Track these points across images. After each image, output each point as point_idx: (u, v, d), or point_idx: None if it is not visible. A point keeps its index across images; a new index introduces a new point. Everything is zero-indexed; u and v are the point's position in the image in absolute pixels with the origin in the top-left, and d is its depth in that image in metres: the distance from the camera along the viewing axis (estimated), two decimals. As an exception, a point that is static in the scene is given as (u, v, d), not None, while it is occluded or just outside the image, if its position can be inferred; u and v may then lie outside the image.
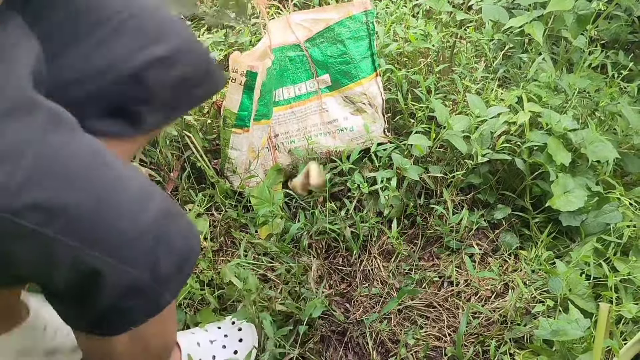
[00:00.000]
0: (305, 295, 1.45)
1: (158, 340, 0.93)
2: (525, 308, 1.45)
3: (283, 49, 1.68)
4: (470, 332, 1.43)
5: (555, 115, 1.67)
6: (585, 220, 1.60)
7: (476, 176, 1.68)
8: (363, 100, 1.75)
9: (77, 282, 0.70)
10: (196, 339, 1.31)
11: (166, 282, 0.75)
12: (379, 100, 1.76)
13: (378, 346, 1.42)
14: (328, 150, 1.77)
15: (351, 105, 1.76)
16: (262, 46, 1.65)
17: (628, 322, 1.35)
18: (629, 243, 1.54)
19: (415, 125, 1.77)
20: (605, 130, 1.85)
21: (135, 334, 0.80)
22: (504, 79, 2.04)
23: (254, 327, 1.36)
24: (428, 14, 2.30)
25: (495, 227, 1.69)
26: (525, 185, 1.68)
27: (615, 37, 2.27)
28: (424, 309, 1.49)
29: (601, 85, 1.96)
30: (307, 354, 1.37)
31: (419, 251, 1.64)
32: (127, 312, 0.76)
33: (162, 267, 0.73)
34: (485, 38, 2.07)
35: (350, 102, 1.76)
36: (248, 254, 1.54)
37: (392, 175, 1.63)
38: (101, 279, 0.69)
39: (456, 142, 1.62)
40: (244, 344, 1.33)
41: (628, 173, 1.80)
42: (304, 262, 1.53)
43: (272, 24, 1.68)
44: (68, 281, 0.70)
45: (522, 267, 1.55)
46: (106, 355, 0.87)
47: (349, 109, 1.77)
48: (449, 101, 1.84)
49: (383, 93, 1.77)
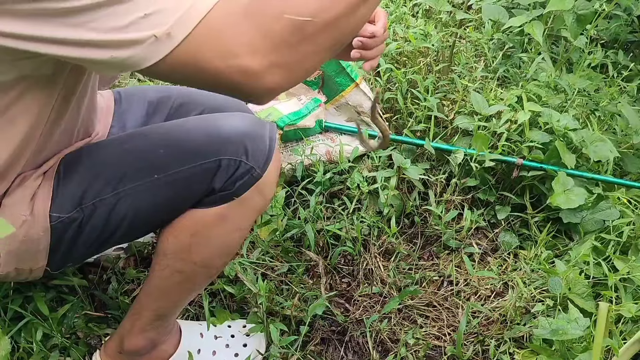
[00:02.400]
0: (307, 295, 1.45)
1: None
2: (525, 307, 1.45)
3: None
4: (470, 332, 1.43)
5: (555, 114, 1.67)
6: (584, 218, 1.60)
7: (473, 179, 1.68)
8: (350, 109, 1.84)
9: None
10: (200, 330, 1.32)
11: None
12: (368, 104, 1.79)
13: (378, 345, 1.42)
14: (328, 151, 1.77)
15: (344, 114, 1.86)
16: None
17: (627, 322, 1.35)
18: (628, 242, 1.54)
19: (415, 124, 1.78)
20: (605, 129, 1.85)
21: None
22: (504, 78, 2.04)
23: (262, 338, 1.35)
24: (428, 13, 2.30)
25: (495, 227, 1.69)
26: (525, 185, 1.68)
27: (615, 36, 2.28)
28: (423, 309, 1.49)
29: (601, 85, 1.96)
30: (308, 356, 1.37)
31: (419, 250, 1.64)
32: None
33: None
34: (484, 37, 2.07)
35: (342, 112, 1.86)
36: (252, 254, 1.54)
37: (392, 174, 1.63)
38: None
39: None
40: (247, 349, 1.33)
41: (627, 172, 1.80)
42: (307, 262, 1.53)
43: None
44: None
45: (522, 267, 1.55)
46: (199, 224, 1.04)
47: (343, 117, 1.86)
48: (448, 100, 1.84)
49: (373, 95, 1.79)
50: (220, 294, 1.46)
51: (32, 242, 0.99)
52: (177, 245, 1.05)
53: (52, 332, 1.27)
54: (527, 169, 1.65)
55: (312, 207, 1.60)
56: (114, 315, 1.38)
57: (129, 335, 1.17)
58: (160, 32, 0.71)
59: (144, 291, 1.14)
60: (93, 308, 1.38)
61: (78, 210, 1.00)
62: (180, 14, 0.72)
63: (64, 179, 1.00)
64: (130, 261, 1.50)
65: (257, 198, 1.04)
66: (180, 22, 0.72)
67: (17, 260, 1.01)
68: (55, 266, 1.06)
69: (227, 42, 0.73)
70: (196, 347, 1.28)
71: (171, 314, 1.19)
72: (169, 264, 1.07)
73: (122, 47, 0.72)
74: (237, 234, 1.08)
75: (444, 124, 1.81)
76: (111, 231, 1.03)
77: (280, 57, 0.74)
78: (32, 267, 1.04)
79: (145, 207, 1.02)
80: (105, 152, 1.03)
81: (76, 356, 1.27)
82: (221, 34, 0.73)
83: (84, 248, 1.05)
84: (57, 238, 1.01)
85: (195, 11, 0.72)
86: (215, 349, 1.30)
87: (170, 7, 0.72)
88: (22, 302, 1.29)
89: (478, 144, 1.64)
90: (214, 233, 1.05)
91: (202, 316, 1.43)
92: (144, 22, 0.71)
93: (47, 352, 1.25)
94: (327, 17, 0.74)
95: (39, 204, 0.98)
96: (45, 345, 1.26)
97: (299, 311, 1.42)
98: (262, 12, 0.73)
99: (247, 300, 1.44)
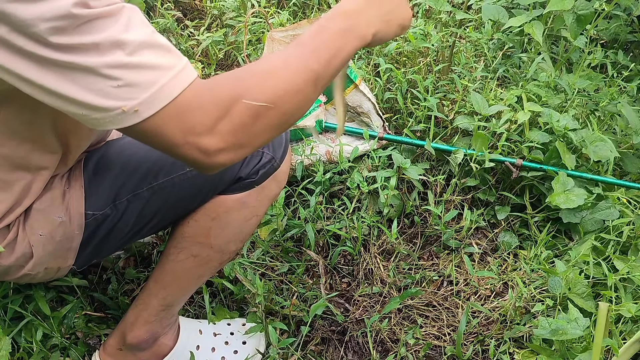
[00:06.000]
0: (307, 295, 1.45)
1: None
2: (525, 307, 1.45)
3: None
4: (469, 331, 1.43)
5: (555, 114, 1.67)
6: (583, 218, 1.60)
7: (472, 179, 1.68)
8: (349, 109, 1.84)
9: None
10: (199, 327, 1.32)
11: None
12: (367, 104, 1.79)
13: (378, 345, 1.42)
14: (328, 151, 1.77)
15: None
16: None
17: (627, 322, 1.35)
18: (628, 242, 1.54)
19: (415, 124, 1.78)
20: (605, 129, 1.85)
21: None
22: (504, 78, 2.04)
23: (262, 337, 1.36)
24: (427, 13, 2.30)
25: (495, 227, 1.69)
26: (525, 185, 1.68)
27: (615, 36, 2.27)
28: (423, 308, 1.49)
29: (601, 85, 1.96)
30: (308, 356, 1.37)
31: (419, 250, 1.64)
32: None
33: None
34: (484, 37, 2.07)
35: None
36: (253, 254, 1.54)
37: (392, 174, 1.63)
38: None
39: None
40: (246, 347, 1.33)
41: (627, 172, 1.80)
42: (307, 262, 1.53)
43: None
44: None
45: (522, 267, 1.55)
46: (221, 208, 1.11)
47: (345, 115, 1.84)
48: (448, 100, 1.84)
49: (372, 96, 1.79)
50: (220, 294, 1.46)
51: (67, 240, 1.04)
52: (197, 229, 1.11)
53: (52, 332, 1.27)
54: (527, 169, 1.65)
55: (312, 207, 1.60)
56: (113, 316, 1.38)
57: (132, 327, 1.19)
58: (128, 106, 0.73)
59: (153, 278, 1.17)
60: (93, 308, 1.38)
61: (111, 207, 1.05)
62: (151, 93, 0.74)
63: (94, 176, 1.04)
64: (130, 261, 1.50)
65: (273, 186, 1.14)
66: (149, 101, 0.74)
67: (50, 259, 1.05)
68: (81, 263, 1.11)
69: (190, 121, 0.76)
70: (195, 344, 1.28)
71: (177, 304, 1.21)
72: (186, 247, 1.12)
73: (92, 109, 0.74)
74: (253, 220, 1.15)
75: (444, 124, 1.81)
76: (142, 225, 1.09)
77: (235, 139, 0.80)
78: (61, 265, 1.08)
79: (177, 199, 1.07)
80: (137, 148, 1.07)
81: (76, 356, 1.27)
82: (187, 114, 0.76)
83: (113, 243, 1.10)
84: (88, 235, 1.05)
85: (167, 90, 0.75)
86: (215, 345, 1.31)
87: (144, 83, 0.73)
88: (22, 302, 1.29)
89: (478, 144, 1.64)
90: (233, 217, 1.12)
91: (201, 316, 1.43)
92: (115, 92, 0.73)
93: (47, 352, 1.25)
94: (282, 103, 0.81)
95: (74, 204, 1.02)
96: (45, 345, 1.26)
97: (299, 311, 1.42)
98: (225, 96, 0.78)
99: (247, 300, 1.44)
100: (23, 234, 1.00)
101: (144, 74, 0.73)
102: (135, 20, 0.74)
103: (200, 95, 0.77)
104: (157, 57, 0.74)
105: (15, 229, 1.00)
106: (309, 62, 0.83)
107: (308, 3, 2.45)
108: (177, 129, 0.76)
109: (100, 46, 0.71)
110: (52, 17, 0.68)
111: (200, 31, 2.28)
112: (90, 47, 0.71)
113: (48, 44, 0.70)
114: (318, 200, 1.63)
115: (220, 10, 2.40)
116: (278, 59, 0.83)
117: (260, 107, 0.79)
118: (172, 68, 0.75)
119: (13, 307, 1.26)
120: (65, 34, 0.69)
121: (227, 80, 0.80)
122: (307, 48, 0.84)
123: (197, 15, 2.56)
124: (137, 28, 0.74)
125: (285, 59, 0.82)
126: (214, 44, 2.21)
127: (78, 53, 0.70)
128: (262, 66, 0.82)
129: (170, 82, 0.75)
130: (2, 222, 0.97)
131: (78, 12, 0.69)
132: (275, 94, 0.80)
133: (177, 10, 2.49)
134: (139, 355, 1.21)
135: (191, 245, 1.12)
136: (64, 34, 0.69)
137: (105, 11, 0.71)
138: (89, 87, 0.72)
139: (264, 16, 2.10)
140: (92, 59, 0.71)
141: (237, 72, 0.81)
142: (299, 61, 0.83)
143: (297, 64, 0.83)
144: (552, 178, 1.61)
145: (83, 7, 0.69)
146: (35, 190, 0.98)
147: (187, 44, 2.25)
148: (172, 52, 0.77)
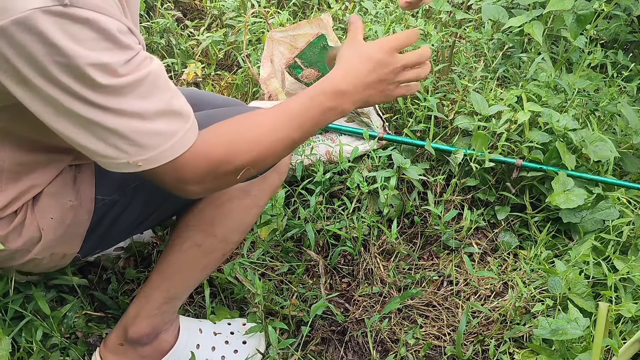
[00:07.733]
0: (307, 295, 1.45)
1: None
2: (525, 307, 1.45)
3: None
4: (469, 331, 1.43)
5: (555, 114, 1.67)
6: (583, 218, 1.60)
7: (472, 179, 1.68)
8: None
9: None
10: (200, 326, 1.32)
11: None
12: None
13: (378, 345, 1.42)
14: (328, 151, 1.77)
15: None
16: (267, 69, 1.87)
17: (627, 321, 1.35)
18: (627, 242, 1.54)
19: (415, 124, 1.78)
20: (605, 129, 1.85)
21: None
22: (504, 78, 2.04)
23: (262, 336, 1.36)
24: (427, 13, 2.30)
25: (495, 227, 1.69)
26: (525, 185, 1.68)
27: (615, 36, 2.27)
28: (423, 308, 1.49)
29: (601, 85, 1.96)
30: (308, 356, 1.37)
31: (419, 250, 1.64)
32: None
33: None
34: (484, 37, 2.07)
35: None
36: (254, 254, 1.54)
37: (392, 174, 1.63)
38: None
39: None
40: (246, 346, 1.33)
41: (627, 172, 1.80)
42: (307, 262, 1.53)
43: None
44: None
45: (522, 267, 1.55)
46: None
47: (342, 118, 1.84)
48: (448, 100, 1.84)
49: None
50: (220, 294, 1.46)
51: (77, 225, 1.07)
52: (201, 217, 1.15)
53: (52, 332, 1.27)
54: (527, 169, 1.65)
55: (312, 207, 1.60)
56: (113, 315, 1.38)
57: (134, 321, 1.19)
58: (133, 161, 0.85)
59: (156, 270, 1.19)
60: (93, 308, 1.38)
61: (120, 192, 1.08)
62: (155, 154, 0.85)
63: None
64: (130, 261, 1.50)
65: (274, 176, 1.19)
66: (152, 158, 0.85)
67: (57, 244, 1.07)
68: (85, 252, 1.13)
69: (182, 175, 0.89)
70: (195, 342, 1.28)
71: (179, 298, 1.22)
72: (190, 236, 1.16)
73: (100, 156, 0.85)
74: (254, 210, 1.20)
75: (444, 124, 1.81)
76: (148, 214, 1.13)
77: (215, 186, 0.96)
78: (67, 252, 1.10)
79: None
80: None
81: (76, 356, 1.27)
82: (181, 170, 0.89)
83: (119, 231, 1.13)
84: (96, 221, 1.08)
85: (169, 153, 0.86)
86: (215, 344, 1.31)
87: (151, 146, 0.84)
88: (22, 301, 1.29)
89: (478, 144, 1.64)
90: (236, 206, 1.16)
91: (201, 316, 1.43)
92: (125, 148, 0.84)
93: (47, 352, 1.25)
94: (261, 164, 0.95)
95: (85, 188, 1.06)
96: (45, 344, 1.26)
97: (299, 311, 1.42)
98: (216, 158, 0.90)
99: (247, 300, 1.44)
100: (32, 217, 1.03)
101: (153, 138, 0.84)
102: (158, 86, 0.84)
103: (195, 157, 0.88)
104: (167, 124, 0.85)
105: (23, 213, 1.02)
106: (292, 134, 0.95)
107: (308, 3, 2.45)
108: (171, 178, 0.89)
109: (123, 113, 0.81)
110: (81, 82, 0.78)
111: (200, 31, 2.28)
112: (115, 111, 0.80)
113: (74, 94, 0.78)
114: (318, 200, 1.63)
115: (220, 10, 2.40)
116: (268, 124, 0.95)
117: (242, 167, 0.92)
118: (177, 133, 0.86)
119: (13, 307, 1.26)
120: (93, 90, 0.78)
121: (221, 143, 0.91)
122: (295, 122, 0.95)
123: (197, 15, 2.56)
124: (158, 94, 0.83)
125: (273, 128, 0.94)
126: (214, 44, 2.21)
127: (101, 111, 0.80)
128: (253, 132, 0.94)
129: (173, 146, 0.85)
130: (15, 204, 1.00)
131: (107, 82, 0.78)
132: (258, 158, 0.93)
133: (177, 10, 2.49)
134: (139, 351, 1.22)
135: (195, 234, 1.16)
136: (92, 90, 0.78)
137: (133, 81, 0.80)
138: (103, 139, 0.83)
139: (263, 16, 2.10)
140: (114, 121, 0.81)
141: (231, 134, 0.92)
142: (284, 133, 0.95)
143: (282, 135, 0.95)
144: (552, 178, 1.62)
145: (112, 75, 0.78)
146: (49, 175, 1.02)
147: (187, 44, 2.25)
148: (183, 115, 0.87)
